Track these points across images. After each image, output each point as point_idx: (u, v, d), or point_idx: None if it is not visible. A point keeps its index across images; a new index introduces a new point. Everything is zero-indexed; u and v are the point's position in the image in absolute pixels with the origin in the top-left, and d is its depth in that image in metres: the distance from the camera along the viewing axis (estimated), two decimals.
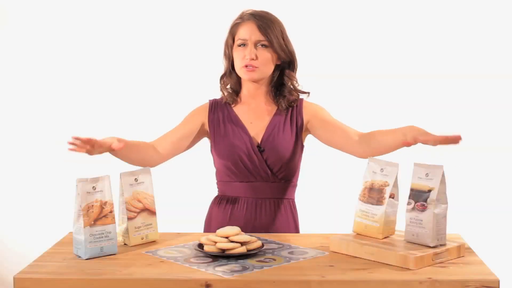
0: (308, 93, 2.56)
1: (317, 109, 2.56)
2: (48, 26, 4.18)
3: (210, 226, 2.55)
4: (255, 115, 2.53)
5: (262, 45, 2.44)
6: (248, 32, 2.44)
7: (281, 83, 2.53)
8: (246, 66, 2.44)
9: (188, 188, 3.99)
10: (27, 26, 4.19)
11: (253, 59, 2.43)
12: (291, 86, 2.53)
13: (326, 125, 2.52)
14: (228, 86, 2.56)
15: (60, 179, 4.15)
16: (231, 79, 2.54)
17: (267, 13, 2.49)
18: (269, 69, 2.48)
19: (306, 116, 2.53)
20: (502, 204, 4.14)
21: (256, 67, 2.44)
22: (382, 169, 2.16)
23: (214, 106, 2.57)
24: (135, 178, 2.22)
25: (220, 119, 2.54)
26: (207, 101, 2.60)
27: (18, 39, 4.20)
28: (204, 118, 2.55)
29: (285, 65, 2.51)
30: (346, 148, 2.49)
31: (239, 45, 2.46)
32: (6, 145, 4.26)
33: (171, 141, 2.53)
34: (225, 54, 2.54)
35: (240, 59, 2.46)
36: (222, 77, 2.57)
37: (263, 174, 2.49)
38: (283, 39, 2.47)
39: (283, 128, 2.51)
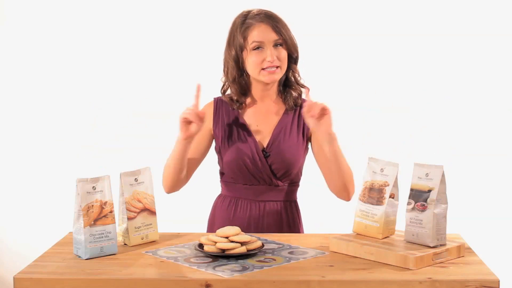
0: (308, 88, 2.54)
1: None
2: (47, 24, 4.18)
3: (214, 224, 2.55)
4: (262, 117, 2.51)
5: (278, 44, 2.43)
6: (264, 34, 2.41)
7: (286, 76, 2.52)
8: (268, 68, 2.41)
9: (189, 187, 3.98)
10: (26, 25, 4.19)
11: (274, 60, 2.40)
12: (293, 79, 2.52)
13: (322, 150, 2.47)
14: (234, 92, 2.50)
15: (60, 179, 4.15)
16: (239, 83, 2.49)
17: (271, 11, 2.47)
18: (285, 67, 2.47)
19: None
20: (502, 204, 4.14)
21: (278, 67, 2.42)
22: (382, 169, 2.16)
23: (219, 105, 2.54)
24: (135, 178, 2.22)
25: (225, 121, 2.51)
26: (212, 99, 2.57)
27: (16, 38, 4.19)
28: (209, 123, 2.52)
29: (291, 59, 2.50)
30: (326, 179, 2.49)
31: (254, 49, 2.42)
32: (6, 145, 4.26)
33: (190, 161, 2.50)
34: (231, 57, 2.47)
35: (258, 63, 2.41)
36: (224, 84, 2.53)
37: (267, 179, 2.48)
38: (291, 34, 2.46)
39: (289, 131, 2.49)
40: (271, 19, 2.43)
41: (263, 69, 2.42)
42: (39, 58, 4.20)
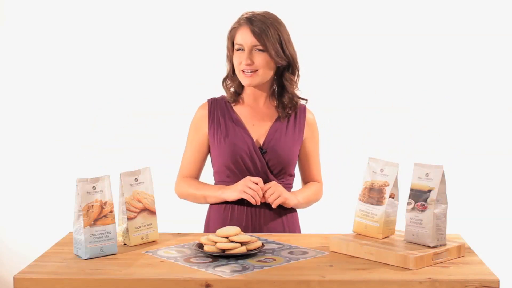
0: (306, 100, 2.56)
1: (314, 135, 2.57)
2: (47, 24, 4.18)
3: (209, 227, 2.55)
4: (257, 118, 2.53)
5: (258, 49, 2.43)
6: (243, 37, 2.44)
7: (282, 85, 2.52)
8: (244, 71, 2.44)
9: None
10: (26, 25, 4.18)
11: (249, 65, 2.43)
12: (290, 93, 2.52)
13: (305, 158, 2.58)
14: (231, 89, 2.55)
15: (60, 179, 4.15)
16: (233, 81, 2.53)
17: (265, 16, 2.46)
18: (268, 73, 2.46)
19: (306, 129, 2.55)
20: (502, 204, 4.14)
21: (254, 72, 2.43)
22: (382, 169, 2.16)
23: (214, 106, 2.55)
24: (135, 178, 2.22)
25: (220, 119, 2.53)
26: (206, 100, 2.59)
27: (16, 38, 4.19)
28: (205, 127, 2.54)
29: (285, 68, 2.50)
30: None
31: (237, 50, 2.46)
32: (6, 145, 4.26)
33: (200, 166, 2.59)
34: (227, 56, 2.53)
35: (237, 64, 2.46)
36: (224, 79, 2.56)
37: (263, 176, 2.48)
38: (280, 44, 2.44)
39: (286, 129, 2.51)
40: (253, 23, 2.43)
41: (241, 71, 2.46)
42: (39, 58, 4.20)
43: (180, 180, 2.58)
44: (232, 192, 2.45)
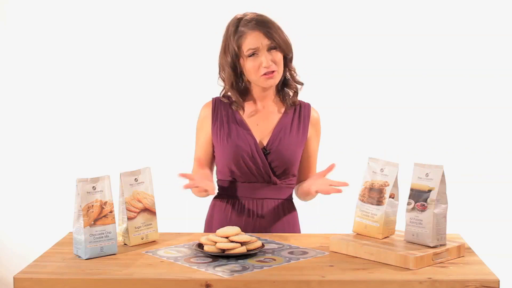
0: (302, 83, 2.56)
1: (318, 134, 2.58)
2: (47, 24, 4.18)
3: (211, 226, 2.55)
4: (262, 117, 2.53)
5: (272, 48, 2.44)
6: (258, 41, 2.42)
7: (283, 76, 2.53)
8: (265, 74, 2.43)
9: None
10: (26, 25, 4.19)
11: (271, 64, 2.43)
12: (290, 76, 2.53)
13: (306, 156, 2.58)
14: (234, 96, 2.52)
15: (60, 179, 4.15)
16: (237, 89, 2.51)
17: (262, 15, 2.48)
18: (282, 68, 2.48)
19: (310, 128, 2.55)
20: (502, 204, 4.14)
21: (275, 71, 2.44)
22: (382, 169, 2.16)
23: (218, 105, 2.55)
24: (135, 178, 2.22)
25: (224, 119, 2.52)
26: (210, 99, 2.58)
27: (16, 38, 4.20)
28: (209, 126, 2.54)
29: (286, 59, 2.51)
30: (298, 188, 2.60)
31: (250, 56, 2.44)
32: (6, 145, 4.26)
33: (211, 164, 2.58)
34: (228, 64, 2.48)
35: (255, 69, 2.44)
36: (226, 91, 2.54)
37: (265, 176, 2.49)
38: (284, 35, 2.47)
39: (290, 130, 2.51)
40: (262, 25, 2.44)
41: (261, 75, 2.44)
42: (39, 58, 4.20)
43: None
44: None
